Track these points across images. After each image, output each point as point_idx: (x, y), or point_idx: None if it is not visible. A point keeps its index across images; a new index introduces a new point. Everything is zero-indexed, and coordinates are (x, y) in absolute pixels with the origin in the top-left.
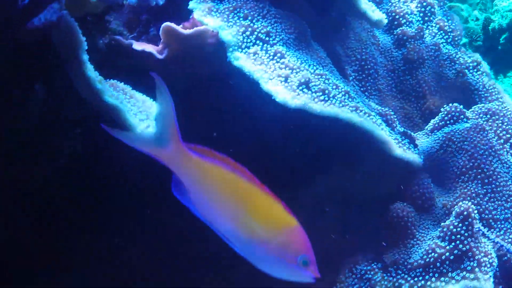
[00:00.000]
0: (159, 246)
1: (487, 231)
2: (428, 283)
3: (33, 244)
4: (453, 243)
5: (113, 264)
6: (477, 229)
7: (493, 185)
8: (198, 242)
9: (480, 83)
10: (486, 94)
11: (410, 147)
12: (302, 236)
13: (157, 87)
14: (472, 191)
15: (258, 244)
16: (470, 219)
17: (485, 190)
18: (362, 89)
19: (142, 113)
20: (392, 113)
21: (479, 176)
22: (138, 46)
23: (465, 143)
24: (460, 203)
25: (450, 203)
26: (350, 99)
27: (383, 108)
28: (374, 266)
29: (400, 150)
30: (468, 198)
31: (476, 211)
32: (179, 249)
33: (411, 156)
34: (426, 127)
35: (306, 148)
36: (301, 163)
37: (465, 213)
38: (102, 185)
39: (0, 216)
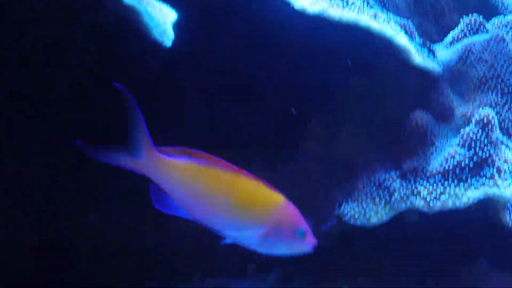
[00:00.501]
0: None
1: (506, 140)
2: (447, 189)
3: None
4: (472, 150)
5: None
6: (496, 136)
7: None
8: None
9: (499, 0)
10: (505, 12)
11: (430, 56)
12: (292, 210)
13: (124, 99)
14: (492, 100)
15: (253, 230)
16: (490, 126)
17: (504, 100)
18: (380, 5)
19: (160, 18)
20: (411, 24)
21: (498, 86)
22: None
23: (484, 53)
24: (480, 110)
25: (469, 112)
26: (369, 7)
27: (401, 20)
28: (393, 174)
29: (419, 58)
30: (488, 107)
31: (496, 118)
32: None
33: (431, 64)
34: (445, 39)
35: (323, 62)
36: (318, 76)
37: (485, 120)
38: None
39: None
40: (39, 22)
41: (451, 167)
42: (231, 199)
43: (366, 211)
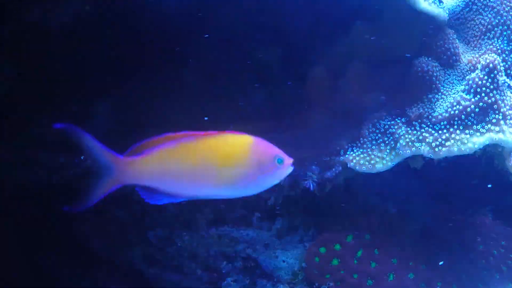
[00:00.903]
0: None
1: None
2: (453, 135)
3: None
4: (478, 96)
5: None
6: (502, 81)
7: None
8: None
9: None
10: None
11: (436, 1)
12: (263, 143)
13: (69, 135)
14: (498, 47)
15: (243, 179)
16: (495, 71)
17: (511, 47)
18: None
19: None
20: None
21: (505, 33)
22: None
23: (491, 0)
24: (486, 55)
25: (475, 58)
26: None
27: None
28: (398, 121)
29: (425, 3)
30: (494, 54)
31: (501, 65)
32: None
33: (436, 10)
34: None
35: (327, 6)
36: (321, 22)
37: (491, 65)
38: None
39: None
40: None
41: (456, 113)
42: (210, 163)
43: (372, 157)
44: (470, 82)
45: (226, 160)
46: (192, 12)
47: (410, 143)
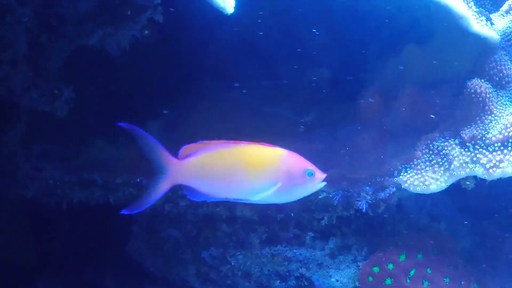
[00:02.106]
0: None
1: None
2: (507, 157)
3: None
4: None
5: None
6: None
7: None
8: None
9: None
10: None
11: (488, 24)
12: (295, 156)
13: (133, 134)
14: None
15: (271, 187)
16: None
17: None
18: None
19: None
20: None
21: None
22: None
23: None
24: None
25: None
26: None
27: None
28: (452, 142)
29: (478, 26)
30: None
31: None
32: None
33: (489, 32)
34: (501, 9)
35: (380, 29)
36: (374, 43)
37: None
38: None
39: None
40: None
41: (510, 135)
42: (245, 169)
43: (426, 178)
44: None
45: (257, 168)
46: (248, 33)
47: (464, 164)
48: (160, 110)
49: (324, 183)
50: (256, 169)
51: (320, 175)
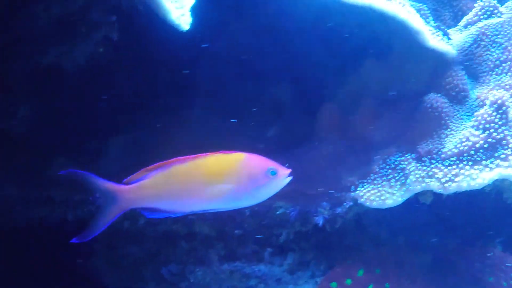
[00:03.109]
0: None
1: None
2: (462, 171)
3: None
4: (487, 132)
5: None
6: (510, 118)
7: None
8: None
9: None
10: None
11: (444, 38)
12: (255, 158)
13: (74, 177)
14: (506, 82)
15: (234, 193)
16: (504, 108)
17: None
18: None
19: (178, 2)
20: (426, 7)
21: None
22: None
23: (499, 36)
24: (494, 91)
25: (483, 94)
26: None
27: (416, 3)
28: (408, 157)
29: (434, 40)
30: (503, 89)
31: (510, 100)
32: None
33: (445, 47)
34: (459, 24)
35: (339, 44)
36: (333, 59)
37: (499, 101)
38: None
39: None
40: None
41: (466, 149)
42: (204, 180)
43: (382, 193)
44: (479, 118)
45: (216, 177)
46: (204, 49)
47: (420, 179)
48: (121, 127)
49: (290, 177)
50: (216, 178)
51: (284, 172)
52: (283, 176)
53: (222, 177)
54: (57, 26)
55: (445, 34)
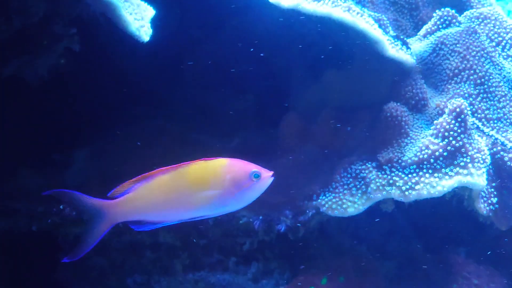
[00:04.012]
0: None
1: (482, 125)
2: (422, 179)
3: None
4: (446, 140)
5: None
6: (471, 123)
7: (486, 86)
8: None
9: None
10: (478, 6)
11: (403, 48)
12: (237, 162)
13: (58, 197)
14: (465, 91)
15: (219, 199)
16: (463, 116)
17: (477, 91)
18: (355, 0)
19: (137, 14)
20: (385, 18)
21: (471, 77)
22: None
23: (457, 45)
24: (453, 100)
25: (443, 103)
26: (343, 0)
27: (376, 13)
28: (369, 165)
29: (393, 50)
30: (461, 98)
31: (469, 108)
32: None
33: (404, 56)
34: (418, 33)
35: (300, 55)
36: (295, 72)
37: (458, 109)
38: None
39: None
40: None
41: (425, 157)
42: (189, 188)
43: (343, 201)
44: (438, 126)
45: (200, 184)
46: (166, 62)
47: (380, 187)
48: (86, 138)
49: (272, 178)
50: (201, 185)
51: (267, 174)
52: (267, 178)
53: (208, 184)
54: (18, 37)
55: (404, 43)
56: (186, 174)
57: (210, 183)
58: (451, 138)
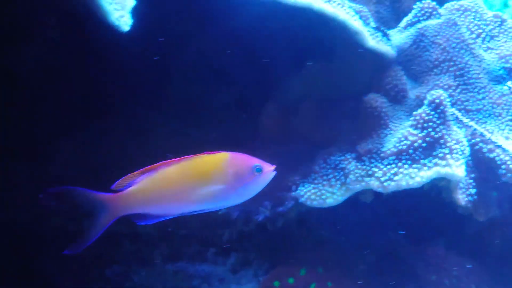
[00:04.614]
0: None
1: (458, 121)
2: (401, 170)
3: None
4: (425, 131)
5: None
6: (450, 114)
7: (465, 77)
8: None
9: None
10: None
11: (383, 39)
12: (239, 156)
13: (66, 194)
14: (445, 83)
15: (222, 193)
16: (442, 107)
17: (457, 82)
18: None
19: (117, 4)
20: (367, 10)
21: (451, 69)
22: None
23: (437, 37)
24: (432, 91)
25: (423, 94)
26: None
27: (357, 5)
28: (348, 156)
29: (373, 41)
30: (441, 89)
31: (448, 99)
32: None
33: (384, 48)
34: (399, 25)
35: (281, 45)
36: (275, 60)
37: (437, 100)
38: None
39: None
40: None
41: (404, 148)
42: (192, 182)
43: (322, 192)
44: (417, 117)
45: (203, 178)
46: (151, 55)
47: (359, 178)
48: (69, 130)
49: (274, 172)
50: (204, 179)
51: (269, 168)
52: (269, 172)
53: (210, 178)
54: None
55: (385, 35)
56: (189, 168)
57: (213, 177)
58: (430, 129)
